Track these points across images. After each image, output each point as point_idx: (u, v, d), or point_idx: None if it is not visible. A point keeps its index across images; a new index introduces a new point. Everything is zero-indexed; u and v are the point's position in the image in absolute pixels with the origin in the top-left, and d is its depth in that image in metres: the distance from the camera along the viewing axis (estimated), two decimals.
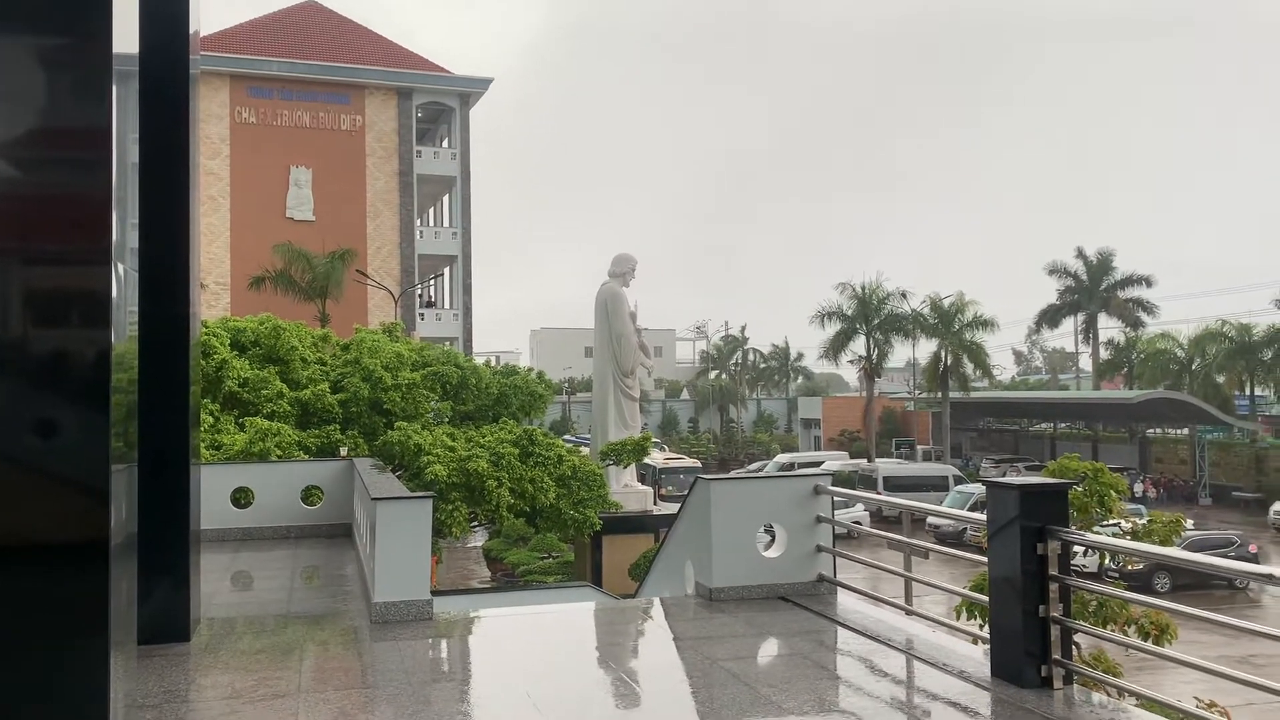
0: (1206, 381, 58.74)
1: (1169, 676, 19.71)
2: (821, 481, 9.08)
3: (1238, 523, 43.11)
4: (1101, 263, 65.54)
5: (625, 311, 24.44)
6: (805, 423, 78.99)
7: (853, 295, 57.63)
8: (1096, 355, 68.88)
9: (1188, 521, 37.41)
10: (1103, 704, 6.03)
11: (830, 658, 7.30)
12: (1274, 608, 28.95)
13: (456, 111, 50.29)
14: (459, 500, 17.38)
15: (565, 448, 19.41)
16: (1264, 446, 54.83)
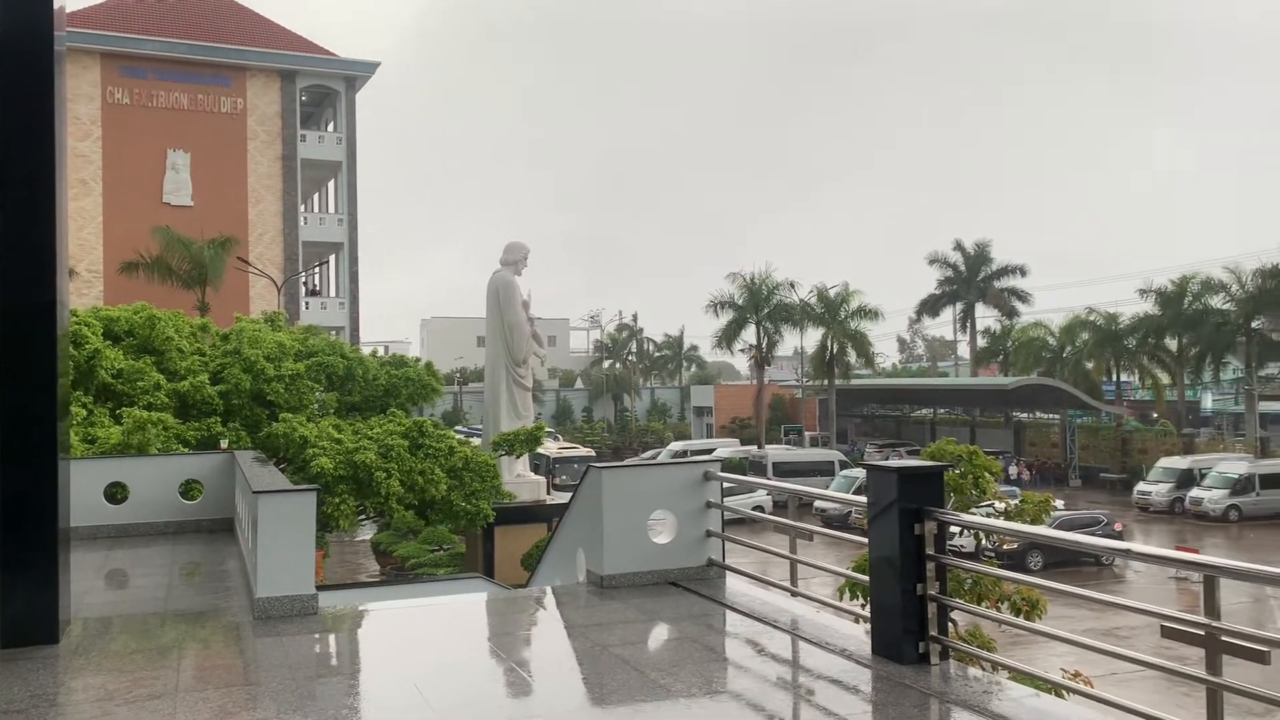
0: (1076, 368, 61.50)
1: (1042, 650, 20.64)
2: (711, 468, 9.20)
3: (1105, 502, 45.39)
4: (979, 254, 67.97)
5: (518, 300, 24.28)
6: (698, 411, 79.91)
7: (743, 285, 58.47)
8: (974, 343, 71.46)
9: (1058, 502, 39.33)
10: (977, 678, 6.28)
11: (719, 640, 7.42)
12: (1138, 583, 30.51)
13: (342, 95, 49.11)
14: (346, 493, 17.04)
15: (456, 439, 19.21)
16: (1129, 430, 57.78)
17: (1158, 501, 44.35)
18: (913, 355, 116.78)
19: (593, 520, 9.03)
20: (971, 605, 8.19)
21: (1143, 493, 45.61)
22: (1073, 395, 56.27)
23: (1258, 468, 42.90)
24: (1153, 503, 44.54)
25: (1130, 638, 22.85)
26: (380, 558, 31.19)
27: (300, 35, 50.05)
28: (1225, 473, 42.83)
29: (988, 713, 5.44)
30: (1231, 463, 43.97)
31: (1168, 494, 44.28)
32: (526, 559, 20.49)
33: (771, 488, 9.29)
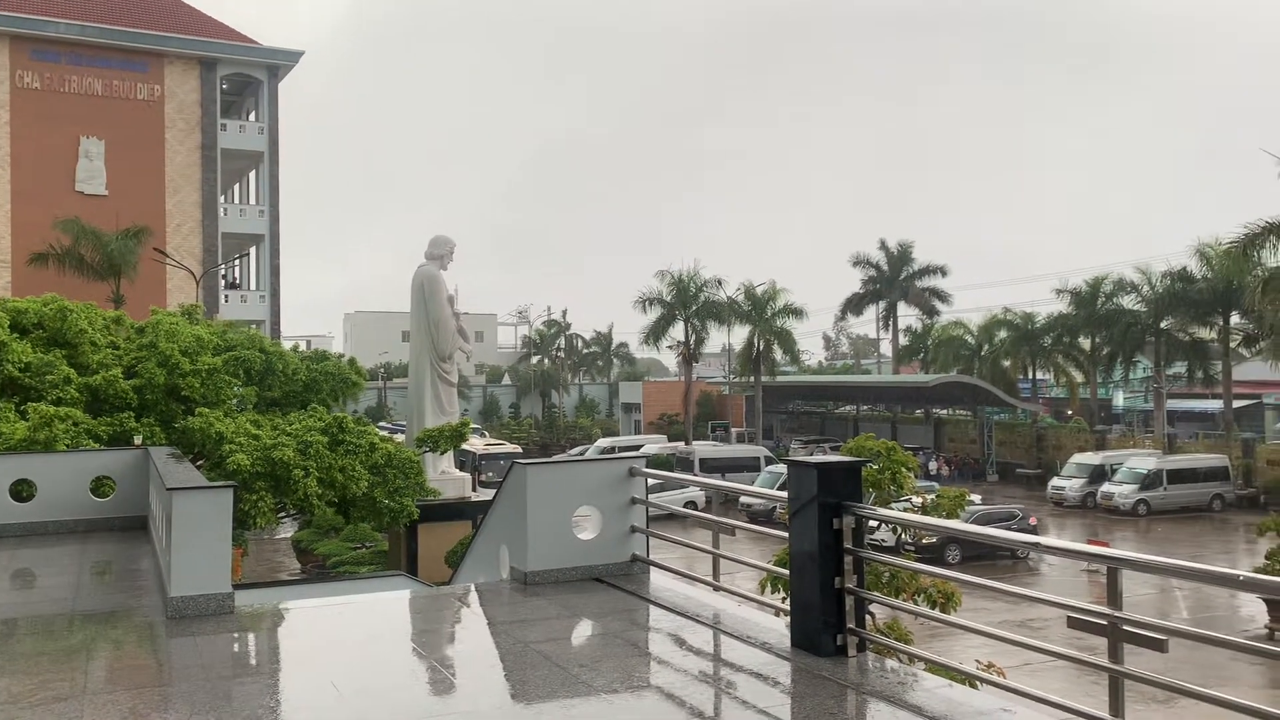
0: (994, 366, 63.05)
1: (959, 641, 21.11)
2: (636, 464, 9.23)
3: (1020, 497, 46.60)
4: (901, 254, 69.24)
5: (443, 295, 24.03)
6: (626, 407, 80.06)
7: (672, 283, 58.72)
8: (896, 341, 72.80)
9: (975, 496, 40.18)
10: (894, 669, 6.41)
11: (641, 635, 7.46)
12: (1051, 575, 31.37)
13: (264, 84, 48.05)
14: (264, 490, 16.69)
15: (378, 435, 18.94)
16: (1044, 426, 59.40)
17: (1071, 496, 45.68)
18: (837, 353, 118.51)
19: (517, 517, 9.00)
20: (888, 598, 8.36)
21: (1057, 488, 46.92)
22: (990, 392, 57.69)
23: (1165, 463, 44.44)
24: (1066, 497, 45.86)
25: (1044, 629, 23.51)
26: (301, 556, 30.65)
27: (221, 22, 48.86)
28: (1135, 468, 44.28)
29: (902, 703, 5.56)
30: (1141, 458, 45.47)
31: (1080, 489, 45.63)
32: (451, 556, 20.31)
33: (694, 483, 9.36)
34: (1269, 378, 51.97)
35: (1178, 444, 50.64)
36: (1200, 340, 52.44)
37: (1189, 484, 43.93)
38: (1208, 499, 43.92)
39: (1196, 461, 45.42)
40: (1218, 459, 45.58)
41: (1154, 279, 52.22)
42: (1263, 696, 19.93)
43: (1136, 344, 54.72)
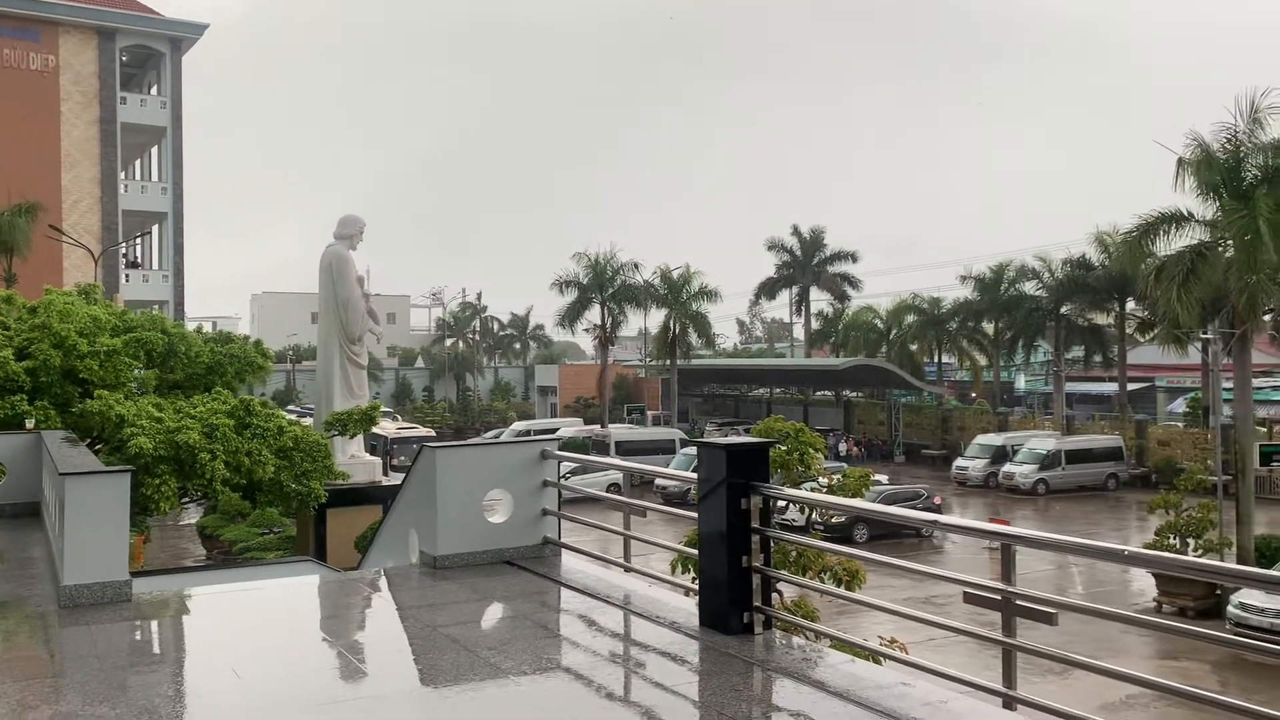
0: (902, 350, 64.47)
1: (866, 618, 21.59)
2: (548, 447, 9.22)
3: (926, 477, 47.78)
4: (814, 239, 70.23)
5: (352, 275, 23.59)
6: (542, 390, 79.78)
7: (588, 265, 58.62)
8: (808, 325, 73.90)
9: (882, 477, 41.03)
10: (800, 646, 6.55)
11: (552, 617, 7.48)
12: (954, 553, 32.29)
13: (167, 57, 46.39)
14: (167, 474, 16.21)
15: (286, 418, 18.53)
16: (949, 408, 61.02)
17: (974, 476, 47.04)
18: (752, 336, 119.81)
19: (426, 500, 8.92)
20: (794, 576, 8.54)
21: (960, 468, 48.27)
22: (898, 376, 59.02)
23: (1064, 444, 46.05)
24: (970, 477, 47.21)
25: (947, 605, 24.21)
26: (206, 542, 29.93)
27: None
28: (1035, 449, 45.78)
29: (806, 679, 5.68)
30: (1040, 439, 47.03)
31: (983, 469, 47.02)
32: (361, 541, 20.03)
33: (607, 466, 9.39)
34: (1161, 361, 54.15)
35: (1076, 425, 52.47)
36: (1098, 325, 54.36)
37: (1085, 464, 45.59)
38: (1103, 478, 45.64)
39: (1093, 442, 47.15)
40: (1112, 440, 47.39)
41: (1054, 266, 53.93)
42: (1149, 666, 20.86)
43: (1037, 329, 56.49)
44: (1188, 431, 47.51)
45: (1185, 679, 19.80)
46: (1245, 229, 25.99)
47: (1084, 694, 17.60)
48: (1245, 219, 25.96)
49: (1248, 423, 28.68)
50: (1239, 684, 19.85)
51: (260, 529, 27.76)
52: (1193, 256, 27.56)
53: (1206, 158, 27.42)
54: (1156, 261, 28.90)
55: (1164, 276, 27.86)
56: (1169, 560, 5.02)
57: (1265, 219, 25.39)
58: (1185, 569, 5.15)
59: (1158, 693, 6.76)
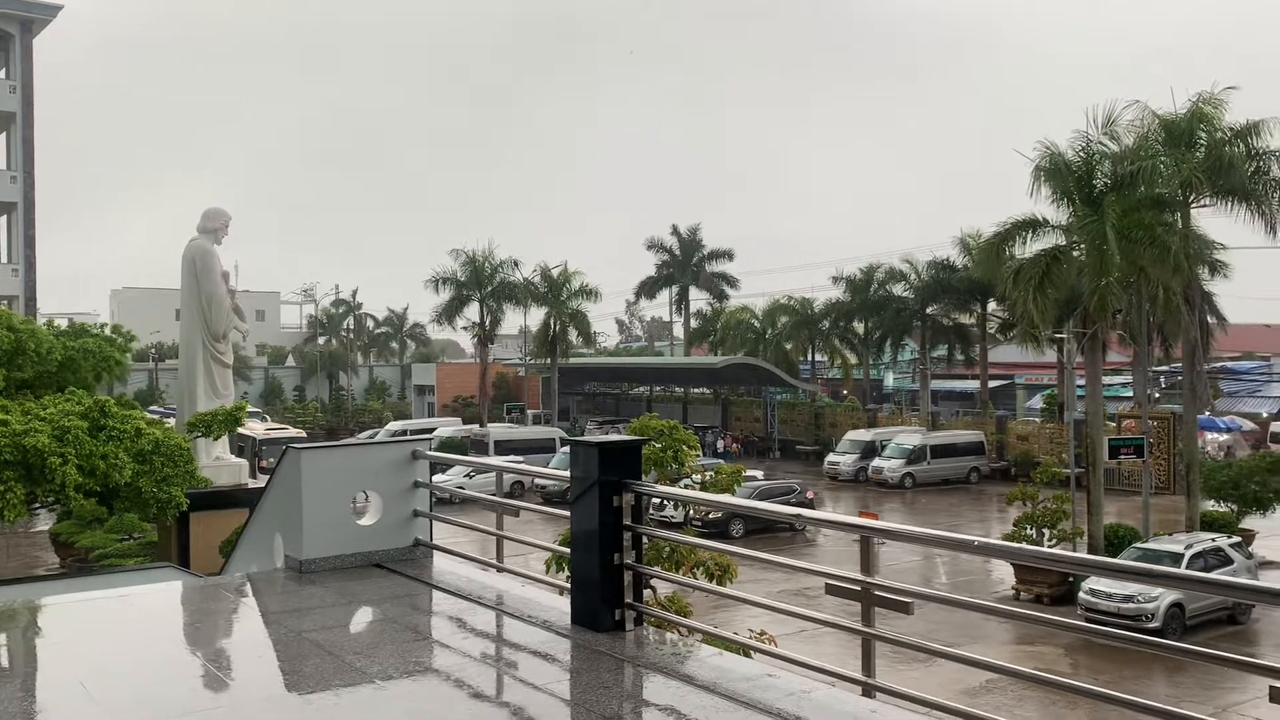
0: (778, 348, 65.84)
1: (740, 612, 21.96)
2: (419, 447, 9.08)
3: (800, 472, 48.93)
4: (692, 239, 71.12)
5: (216, 270, 22.73)
6: (419, 389, 78.53)
7: (466, 262, 57.98)
8: (688, 324, 74.80)
9: (757, 472, 41.77)
10: (671, 641, 6.63)
11: (422, 620, 7.38)
12: (826, 546, 33.14)
13: (17, 39, 43.82)
14: (14, 480, 15.33)
15: (145, 419, 17.76)
16: (821, 405, 62.63)
17: (845, 471, 48.40)
18: (632, 335, 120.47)
19: (291, 503, 8.67)
20: (665, 572, 8.65)
21: (832, 463, 49.60)
22: (774, 373, 60.27)
23: (929, 439, 47.80)
24: (841, 472, 48.55)
25: (819, 596, 24.82)
26: (61, 549, 28.43)
27: None
28: (902, 444, 47.40)
29: (675, 673, 5.75)
30: (907, 435, 48.71)
31: (853, 464, 48.42)
32: (226, 546, 19.35)
33: (481, 465, 9.31)
34: (1020, 360, 56.81)
35: (940, 421, 54.49)
36: (961, 325, 56.62)
37: (949, 458, 47.41)
38: (966, 472, 47.55)
39: (956, 437, 49.07)
40: (974, 435, 49.41)
41: (921, 268, 55.92)
42: (1008, 651, 21.86)
43: (905, 328, 58.48)
44: (1044, 427, 49.86)
45: (1040, 663, 20.81)
46: (1096, 234, 27.44)
47: (947, 680, 18.33)
48: (1096, 224, 27.41)
49: (1099, 418, 30.30)
50: (1089, 666, 20.95)
51: (119, 535, 26.53)
52: (1048, 260, 28.96)
53: (1059, 166, 28.84)
54: (1015, 265, 30.26)
55: (1021, 279, 29.18)
56: (1015, 550, 5.27)
57: (1114, 225, 26.86)
58: (1032, 558, 5.41)
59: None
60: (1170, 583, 21.33)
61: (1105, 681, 18.97)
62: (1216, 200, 30.28)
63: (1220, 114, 29.72)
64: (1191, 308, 31.15)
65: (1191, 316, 31.34)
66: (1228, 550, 25.25)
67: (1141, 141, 29.40)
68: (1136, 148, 29.08)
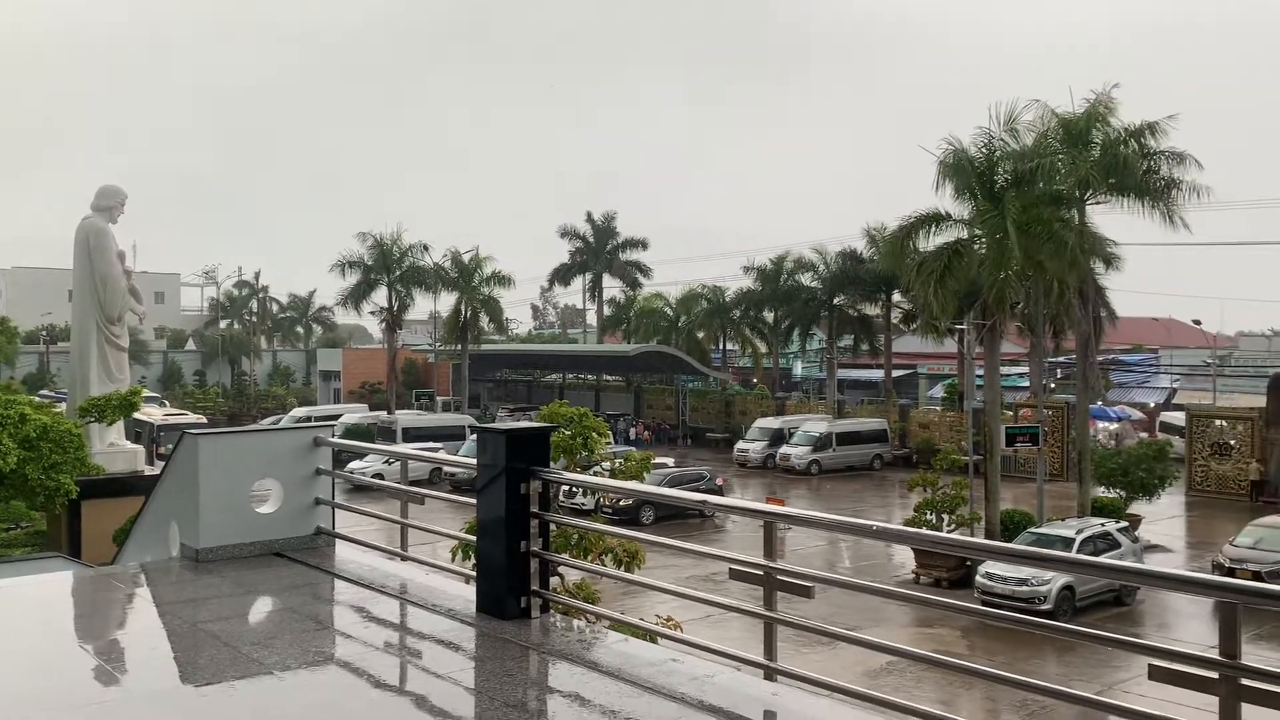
0: (690, 337, 66.31)
1: (649, 598, 22.11)
2: (322, 433, 8.90)
3: (710, 459, 49.38)
4: (606, 227, 71.09)
5: (111, 250, 21.88)
6: (325, 375, 77.02)
7: (374, 245, 56.99)
8: (601, 312, 74.80)
9: (669, 460, 41.95)
10: (577, 628, 6.64)
11: (324, 610, 7.25)
12: (735, 531, 33.50)
13: None
14: None
15: (31, 404, 17.03)
16: (732, 393, 63.30)
17: (754, 458, 49.05)
18: (545, 322, 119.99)
19: (188, 490, 8.43)
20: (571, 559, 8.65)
21: (741, 450, 50.21)
22: (686, 362, 60.71)
23: (835, 427, 48.72)
24: (750, 459, 49.18)
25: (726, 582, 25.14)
26: None
27: None
28: (809, 431, 48.21)
29: (580, 660, 5.76)
30: (814, 423, 49.56)
31: (762, 451, 49.09)
32: (120, 535, 18.70)
33: (385, 453, 9.18)
34: (923, 350, 58.31)
35: (846, 409, 55.59)
36: (867, 316, 57.77)
37: (854, 445, 48.40)
38: (870, 458, 48.59)
39: (861, 425, 50.11)
40: (878, 423, 50.52)
41: (829, 259, 56.88)
42: (907, 633, 22.44)
43: (813, 318, 59.45)
44: (945, 415, 51.23)
45: (938, 644, 21.43)
46: (996, 228, 28.27)
47: (850, 662, 18.75)
48: (996, 219, 28.22)
49: (996, 407, 31.28)
50: (985, 647, 21.64)
51: (5, 524, 25.44)
52: (950, 254, 29.74)
53: (963, 162, 29.61)
54: (919, 258, 30.99)
55: (924, 272, 29.92)
56: (912, 535, 5.41)
57: (1013, 220, 27.68)
58: (930, 543, 5.56)
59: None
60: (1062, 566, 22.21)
61: (1000, 662, 19.62)
62: (1111, 197, 31.49)
63: (1114, 114, 30.87)
64: (1085, 301, 32.35)
65: (1085, 310, 32.55)
66: (1116, 535, 26.31)
67: (1041, 140, 30.37)
68: (1036, 146, 30.02)
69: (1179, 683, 3.88)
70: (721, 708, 4.98)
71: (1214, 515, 36.08)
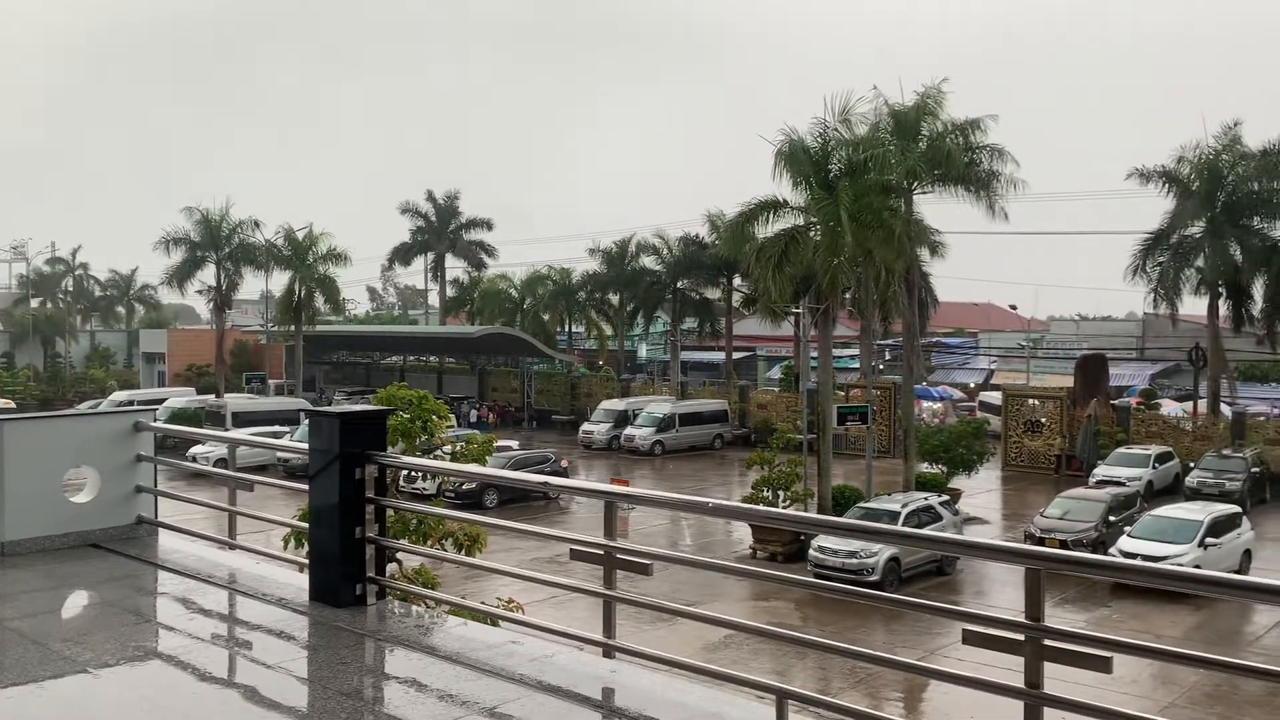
0: (535, 319, 66.01)
1: (493, 582, 21.97)
2: (143, 418, 8.45)
3: (555, 442, 49.40)
4: (449, 205, 69.88)
5: None
6: (149, 357, 73.01)
7: (201, 221, 54.29)
8: (444, 293, 73.55)
9: (513, 442, 41.75)
10: (415, 614, 6.55)
11: (145, 602, 6.92)
12: (579, 513, 33.65)
13: None
14: None
15: None
16: (577, 376, 63.45)
17: (599, 439, 49.33)
18: (385, 303, 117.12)
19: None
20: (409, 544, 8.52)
21: (586, 432, 50.42)
22: (531, 344, 60.41)
23: (678, 408, 49.52)
24: (595, 440, 49.44)
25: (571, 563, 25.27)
26: None
27: None
28: (652, 413, 48.84)
29: (417, 646, 5.69)
30: (658, 404, 50.24)
31: (607, 433, 49.42)
32: None
33: (213, 438, 8.79)
34: (762, 333, 59.88)
35: (689, 391, 56.54)
36: (709, 299, 58.90)
37: (697, 426, 49.32)
38: (711, 439, 49.62)
39: (703, 406, 51.10)
40: (719, 404, 51.65)
41: (672, 244, 57.64)
42: (744, 607, 23.09)
43: (657, 301, 60.20)
44: (782, 395, 52.78)
45: (773, 617, 22.15)
46: (830, 216, 29.25)
47: (690, 637, 19.16)
48: (831, 207, 29.21)
49: (829, 388, 32.46)
50: (817, 618, 22.50)
51: None
52: (787, 240, 30.62)
53: (799, 151, 30.50)
54: (758, 244, 31.78)
55: (763, 257, 30.72)
56: (746, 510, 5.58)
57: (846, 208, 28.71)
58: (763, 518, 5.74)
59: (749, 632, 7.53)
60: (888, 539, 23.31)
61: (831, 632, 20.46)
62: (937, 187, 33.09)
63: (941, 108, 32.42)
64: (911, 287, 33.92)
65: (910, 295, 34.13)
66: (938, 508, 27.75)
67: (874, 131, 31.60)
68: (869, 136, 31.21)
69: (990, 645, 4.14)
70: (560, 687, 5.02)
71: (1027, 488, 38.54)
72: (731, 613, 23.00)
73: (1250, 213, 39.80)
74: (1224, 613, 22.91)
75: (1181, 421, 42.39)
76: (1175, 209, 40.80)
